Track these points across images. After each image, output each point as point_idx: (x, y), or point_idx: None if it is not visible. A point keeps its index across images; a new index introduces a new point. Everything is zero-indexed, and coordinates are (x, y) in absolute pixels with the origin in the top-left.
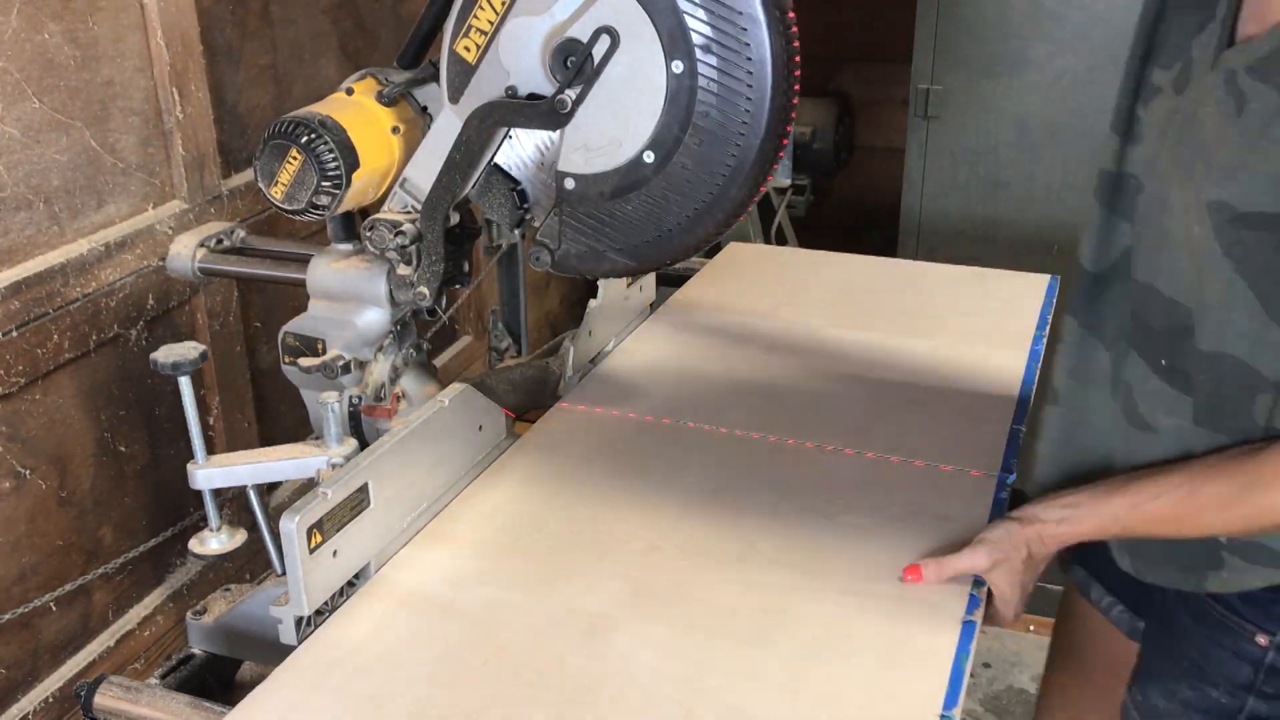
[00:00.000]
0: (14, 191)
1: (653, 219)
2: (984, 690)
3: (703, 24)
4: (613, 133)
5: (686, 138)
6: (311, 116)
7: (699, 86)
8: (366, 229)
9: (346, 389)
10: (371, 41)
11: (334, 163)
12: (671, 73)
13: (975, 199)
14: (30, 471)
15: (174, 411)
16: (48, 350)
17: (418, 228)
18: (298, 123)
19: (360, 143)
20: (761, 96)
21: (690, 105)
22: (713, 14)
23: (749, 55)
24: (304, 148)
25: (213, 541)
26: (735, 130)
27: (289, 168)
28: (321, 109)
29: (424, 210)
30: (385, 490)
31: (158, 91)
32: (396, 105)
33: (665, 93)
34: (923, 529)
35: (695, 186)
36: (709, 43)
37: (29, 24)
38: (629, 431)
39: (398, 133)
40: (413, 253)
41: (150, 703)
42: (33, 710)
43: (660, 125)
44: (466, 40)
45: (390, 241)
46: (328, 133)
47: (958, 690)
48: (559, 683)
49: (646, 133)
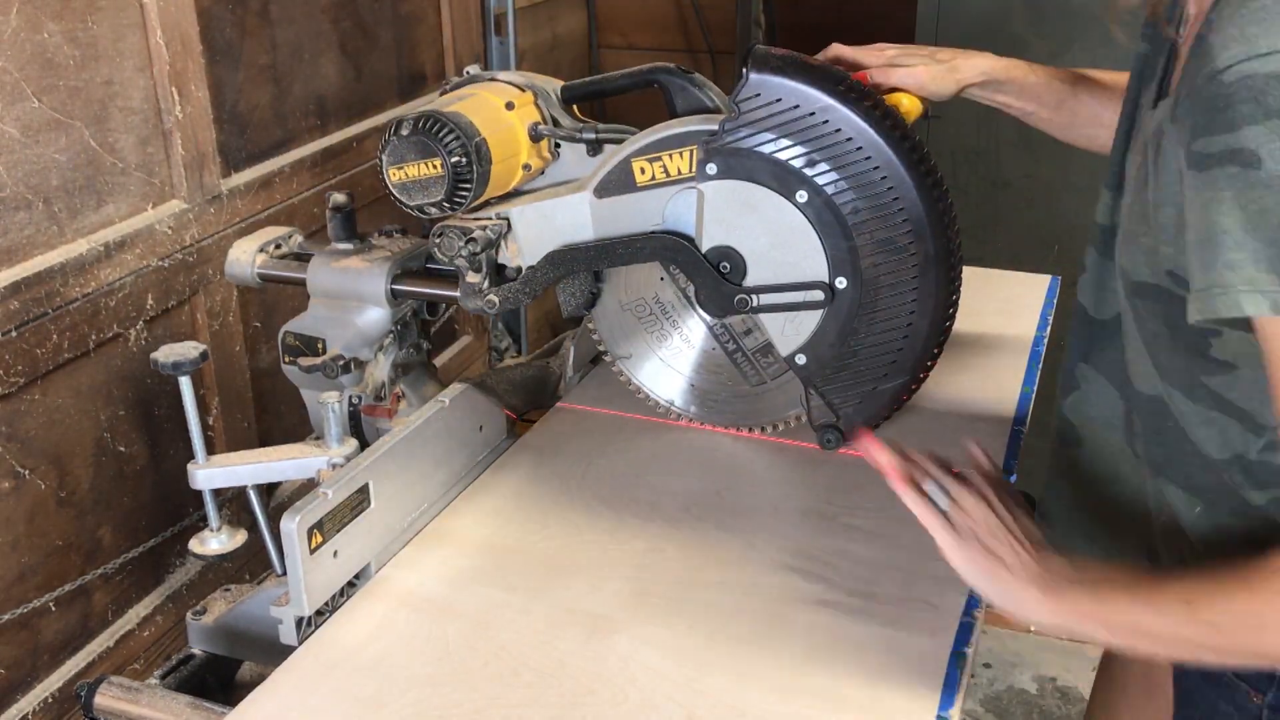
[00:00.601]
0: (13, 191)
1: (888, 329)
2: (984, 690)
3: (793, 149)
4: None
5: (857, 243)
6: (471, 134)
7: (832, 196)
8: (435, 235)
9: (346, 389)
10: (371, 41)
11: (465, 193)
12: (800, 204)
13: (975, 199)
14: (29, 471)
15: (174, 411)
16: (47, 350)
17: (489, 235)
18: (458, 137)
19: (495, 177)
20: (889, 163)
21: (839, 216)
22: (797, 135)
23: (851, 141)
24: (449, 165)
25: (213, 542)
26: (892, 208)
27: (421, 168)
28: (481, 123)
29: (554, 259)
30: (385, 490)
31: (157, 91)
32: (541, 142)
33: (811, 224)
34: (922, 530)
35: (896, 274)
36: (809, 157)
37: (29, 24)
38: (629, 432)
39: (528, 170)
40: (482, 260)
41: (150, 703)
42: (32, 710)
43: (829, 250)
44: (645, 163)
45: (461, 249)
46: (477, 163)
47: (954, 690)
48: (559, 683)
49: (823, 266)
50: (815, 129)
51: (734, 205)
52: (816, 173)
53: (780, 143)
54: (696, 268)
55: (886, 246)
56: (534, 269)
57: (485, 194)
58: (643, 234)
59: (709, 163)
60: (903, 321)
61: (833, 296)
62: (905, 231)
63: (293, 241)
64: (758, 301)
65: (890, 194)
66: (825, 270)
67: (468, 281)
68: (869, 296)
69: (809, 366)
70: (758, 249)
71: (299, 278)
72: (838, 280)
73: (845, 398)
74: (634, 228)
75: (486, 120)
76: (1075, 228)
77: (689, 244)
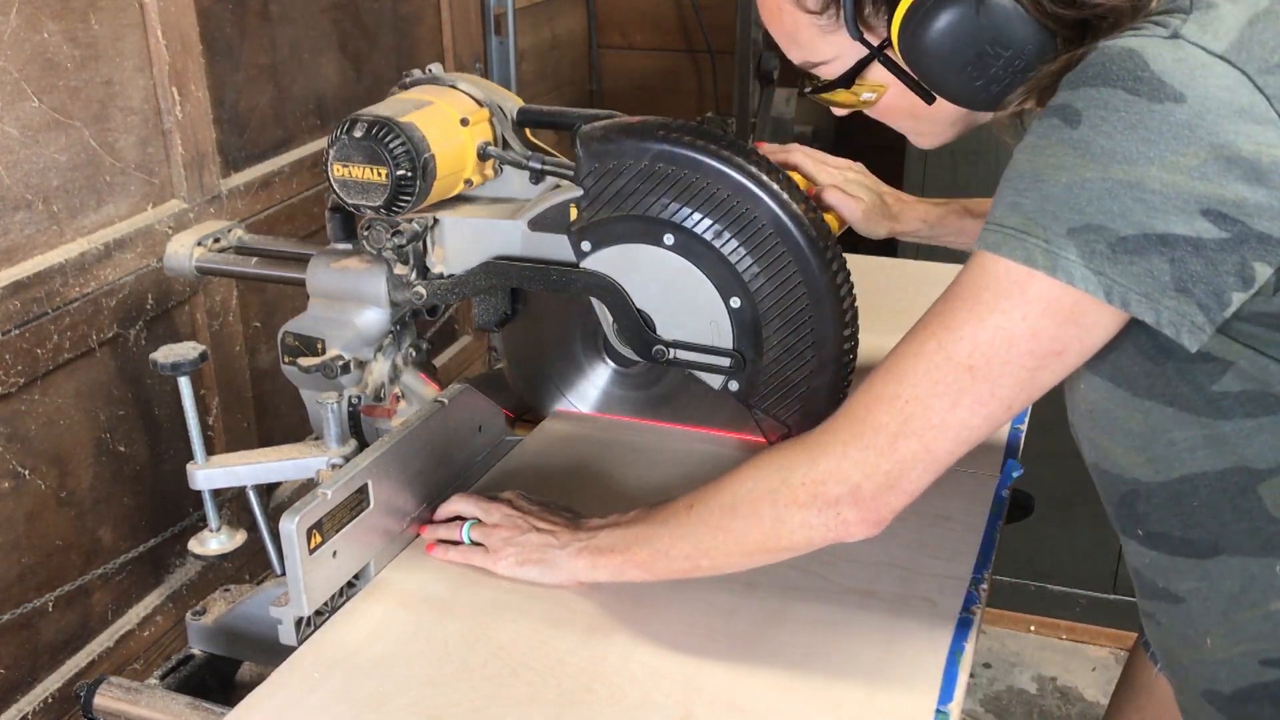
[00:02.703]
0: (13, 191)
1: (792, 328)
2: (984, 690)
3: (645, 201)
4: (705, 331)
5: (731, 260)
6: (422, 149)
7: (693, 229)
8: (363, 228)
9: (346, 389)
10: (371, 41)
11: (405, 201)
12: (669, 245)
13: None
14: (29, 471)
15: (174, 411)
16: (47, 350)
17: (415, 228)
18: (408, 150)
19: (437, 188)
20: (722, 178)
21: (704, 241)
22: (641, 189)
23: (684, 170)
24: (394, 178)
25: (212, 542)
26: (739, 210)
27: (366, 173)
28: (434, 138)
29: (486, 270)
30: (385, 490)
31: (157, 91)
32: (487, 163)
33: (683, 257)
34: (922, 528)
35: (773, 269)
36: (660, 203)
37: (28, 24)
38: (629, 432)
39: (468, 184)
40: (409, 252)
41: (150, 703)
42: (32, 710)
43: (712, 278)
44: (577, 208)
45: (387, 241)
46: (421, 179)
47: (952, 686)
48: (558, 681)
49: (713, 293)
50: (654, 176)
51: (620, 269)
52: (671, 214)
53: (629, 202)
54: (625, 311)
55: (757, 252)
56: (470, 274)
57: (423, 205)
58: (581, 269)
59: (582, 241)
60: (804, 314)
61: (744, 363)
62: (768, 235)
63: (233, 236)
64: (674, 355)
65: (740, 205)
66: (717, 297)
67: (395, 273)
68: (764, 304)
69: (742, 391)
70: (651, 298)
71: (239, 271)
72: (731, 300)
73: (785, 407)
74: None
75: (439, 136)
76: None
77: (619, 287)
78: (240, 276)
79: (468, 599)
